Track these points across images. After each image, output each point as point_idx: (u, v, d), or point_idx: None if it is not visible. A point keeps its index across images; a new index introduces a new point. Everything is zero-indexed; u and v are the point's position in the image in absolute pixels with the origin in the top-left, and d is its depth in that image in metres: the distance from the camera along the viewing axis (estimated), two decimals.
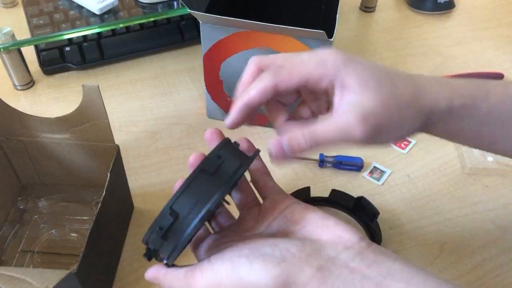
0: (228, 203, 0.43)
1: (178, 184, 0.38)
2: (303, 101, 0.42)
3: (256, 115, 0.40)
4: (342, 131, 0.36)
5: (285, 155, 0.37)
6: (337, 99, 0.37)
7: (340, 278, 0.32)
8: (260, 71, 0.39)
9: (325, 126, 0.37)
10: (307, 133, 0.37)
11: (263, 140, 0.67)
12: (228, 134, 0.42)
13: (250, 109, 0.38)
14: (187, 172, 0.65)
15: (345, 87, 0.37)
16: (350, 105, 0.36)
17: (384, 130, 0.37)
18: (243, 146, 0.41)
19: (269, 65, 0.39)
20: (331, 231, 0.35)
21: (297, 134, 0.37)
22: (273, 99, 0.39)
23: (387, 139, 0.39)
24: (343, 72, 0.36)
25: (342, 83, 0.37)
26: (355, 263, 0.33)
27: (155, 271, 0.37)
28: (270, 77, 0.37)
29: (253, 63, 0.40)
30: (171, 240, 0.34)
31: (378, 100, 0.36)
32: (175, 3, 0.81)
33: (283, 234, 0.37)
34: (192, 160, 0.40)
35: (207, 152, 0.37)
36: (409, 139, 0.67)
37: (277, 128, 0.41)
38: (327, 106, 0.41)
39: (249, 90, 0.38)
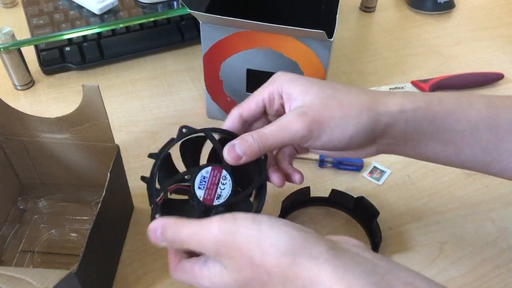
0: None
1: None
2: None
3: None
4: (285, 128, 0.41)
5: (240, 158, 0.41)
6: (286, 109, 0.43)
7: (353, 260, 0.33)
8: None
9: (271, 127, 0.42)
10: (257, 136, 0.41)
11: None
12: None
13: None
14: None
15: (290, 97, 0.42)
16: (293, 108, 0.42)
17: (326, 125, 0.41)
18: None
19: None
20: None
21: (248, 137, 0.41)
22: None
23: (333, 136, 0.41)
24: (287, 85, 0.43)
25: (289, 96, 0.42)
26: (366, 255, 0.34)
27: (161, 220, 0.37)
28: (236, 108, 0.46)
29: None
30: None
31: (317, 99, 0.41)
32: (175, 3, 0.81)
33: None
34: None
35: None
36: None
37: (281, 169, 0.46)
38: None
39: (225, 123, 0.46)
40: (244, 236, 0.34)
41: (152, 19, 0.81)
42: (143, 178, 0.41)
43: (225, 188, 0.42)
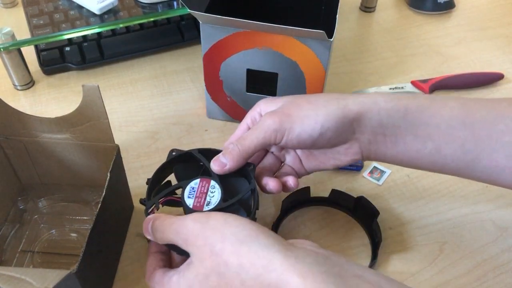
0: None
1: None
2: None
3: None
4: (258, 127, 0.45)
5: (224, 165, 0.45)
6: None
7: (305, 253, 0.35)
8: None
9: (249, 132, 0.45)
10: (236, 141, 0.45)
11: None
12: (227, 135, 0.42)
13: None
14: None
15: (266, 109, 0.48)
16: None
17: (295, 116, 0.43)
18: None
19: None
20: None
21: (229, 145, 0.46)
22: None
23: (304, 126, 0.43)
24: (265, 105, 0.49)
25: (265, 110, 0.48)
26: (319, 250, 0.36)
27: (154, 214, 0.43)
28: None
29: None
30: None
31: (287, 102, 0.46)
32: (175, 3, 0.81)
33: None
34: None
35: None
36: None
37: None
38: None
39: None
40: (211, 225, 0.37)
41: (152, 19, 0.81)
42: (141, 201, 0.46)
43: (214, 196, 0.45)
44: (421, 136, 0.44)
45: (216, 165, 0.45)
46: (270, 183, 0.47)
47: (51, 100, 0.73)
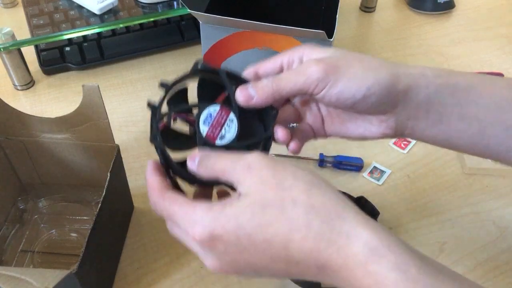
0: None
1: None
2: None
3: None
4: (301, 72, 0.39)
5: (251, 98, 0.40)
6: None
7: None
8: None
9: (288, 73, 0.40)
10: (273, 80, 0.40)
11: None
12: None
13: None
14: None
15: (310, 55, 0.41)
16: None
17: (343, 71, 0.38)
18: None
19: None
20: None
21: (264, 81, 0.40)
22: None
23: (350, 84, 0.38)
24: (309, 50, 0.41)
25: (309, 58, 0.41)
26: None
27: (201, 151, 0.38)
28: (251, 66, 0.44)
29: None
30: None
31: (336, 53, 0.40)
32: (175, 3, 0.81)
33: None
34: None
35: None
36: (410, 139, 0.67)
37: None
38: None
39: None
40: (281, 163, 0.34)
41: (152, 19, 0.81)
42: (149, 104, 0.39)
43: (230, 131, 0.40)
44: (468, 116, 0.40)
45: (242, 95, 0.40)
46: (280, 132, 0.41)
47: (51, 100, 0.73)
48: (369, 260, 0.30)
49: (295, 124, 0.45)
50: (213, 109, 0.40)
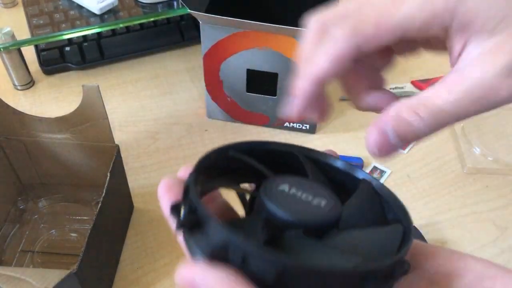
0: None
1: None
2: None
3: (255, 114, 0.40)
4: (479, 92, 0.24)
5: (392, 146, 0.25)
6: (457, 49, 0.26)
7: None
8: (325, 32, 0.27)
9: (449, 91, 0.24)
10: (422, 106, 0.24)
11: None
12: (227, 135, 0.41)
13: (320, 88, 0.27)
14: None
15: (469, 27, 0.24)
16: (484, 54, 0.24)
17: None
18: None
19: (339, 18, 0.26)
20: None
21: (405, 109, 0.25)
22: (351, 67, 0.27)
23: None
24: (462, 5, 0.24)
25: (463, 23, 0.24)
26: None
27: None
28: (346, 35, 0.25)
29: (313, 22, 0.28)
30: None
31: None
32: (175, 3, 0.81)
33: None
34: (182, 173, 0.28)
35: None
36: None
37: (361, 105, 0.30)
38: None
39: (315, 61, 0.26)
40: None
41: (152, 19, 0.81)
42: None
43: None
44: None
45: (378, 148, 0.25)
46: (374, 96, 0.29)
47: (51, 100, 0.73)
48: None
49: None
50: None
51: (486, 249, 0.55)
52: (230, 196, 0.28)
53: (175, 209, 0.24)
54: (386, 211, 0.27)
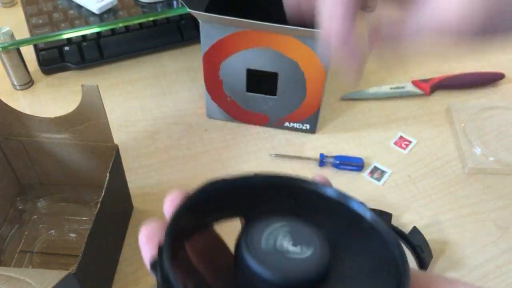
0: None
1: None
2: None
3: (255, 114, 0.40)
4: None
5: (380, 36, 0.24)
6: None
7: None
8: None
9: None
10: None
11: (263, 140, 0.67)
12: (227, 134, 0.41)
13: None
14: (187, 172, 0.65)
15: None
16: None
17: None
18: None
19: None
20: None
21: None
22: None
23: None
24: None
25: None
26: None
27: None
28: None
29: None
30: None
31: None
32: (174, 2, 0.81)
33: None
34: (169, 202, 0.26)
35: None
36: (410, 139, 0.67)
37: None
38: None
39: None
40: None
41: (151, 18, 0.80)
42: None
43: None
44: None
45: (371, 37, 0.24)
46: None
47: (50, 100, 0.72)
48: None
49: None
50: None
51: (487, 249, 0.55)
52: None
53: (153, 266, 0.22)
54: (381, 247, 0.24)
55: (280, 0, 0.38)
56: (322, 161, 0.63)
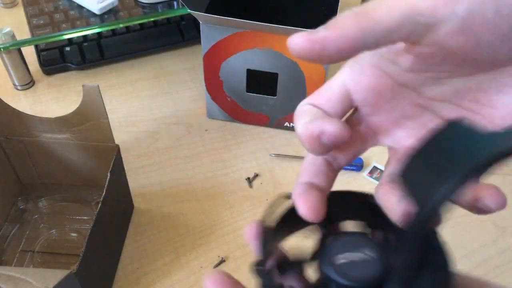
0: None
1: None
2: None
3: (255, 114, 0.40)
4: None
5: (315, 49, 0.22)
6: None
7: None
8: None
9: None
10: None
11: (263, 140, 0.67)
12: (227, 135, 0.41)
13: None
14: (186, 172, 0.65)
15: None
16: None
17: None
18: None
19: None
20: None
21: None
22: None
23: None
24: None
25: None
26: None
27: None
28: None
29: None
30: None
31: None
32: (175, 3, 0.81)
33: None
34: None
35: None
36: None
37: None
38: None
39: None
40: None
41: (152, 19, 0.81)
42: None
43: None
44: None
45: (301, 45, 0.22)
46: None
47: (51, 100, 0.73)
48: None
49: None
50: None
51: (486, 249, 0.55)
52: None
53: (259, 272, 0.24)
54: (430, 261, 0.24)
55: (281, 1, 0.38)
56: None
